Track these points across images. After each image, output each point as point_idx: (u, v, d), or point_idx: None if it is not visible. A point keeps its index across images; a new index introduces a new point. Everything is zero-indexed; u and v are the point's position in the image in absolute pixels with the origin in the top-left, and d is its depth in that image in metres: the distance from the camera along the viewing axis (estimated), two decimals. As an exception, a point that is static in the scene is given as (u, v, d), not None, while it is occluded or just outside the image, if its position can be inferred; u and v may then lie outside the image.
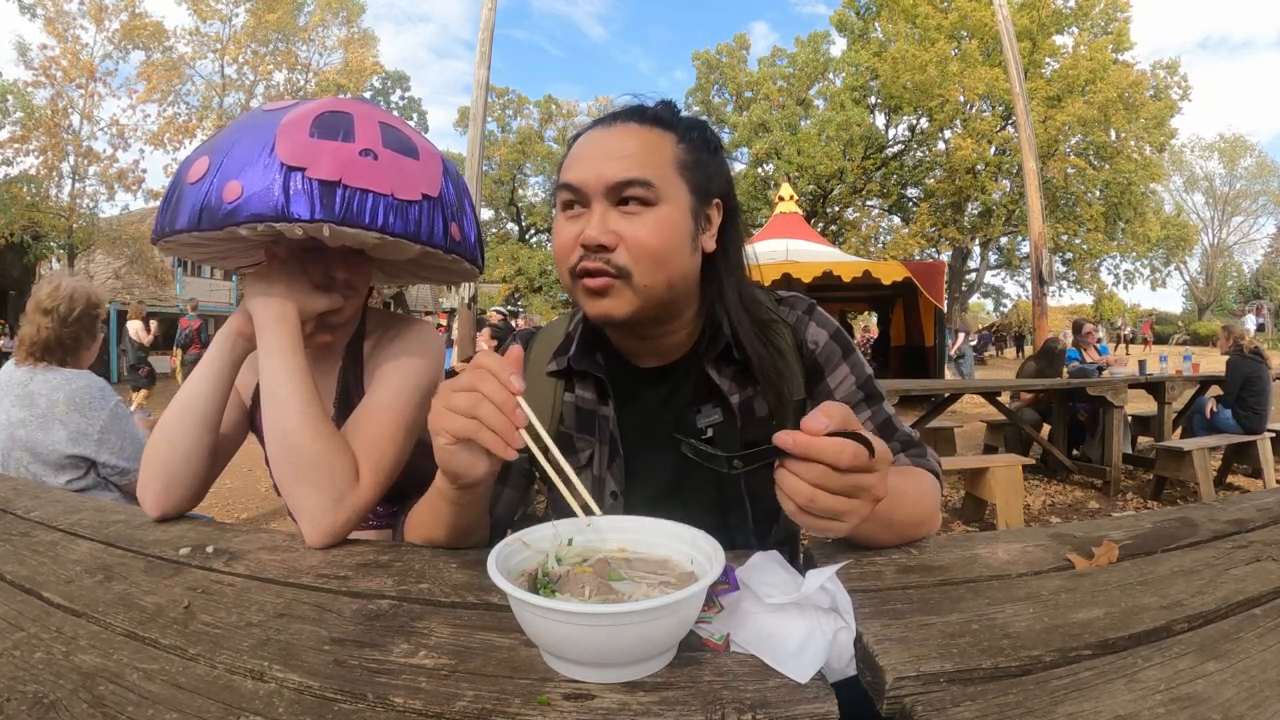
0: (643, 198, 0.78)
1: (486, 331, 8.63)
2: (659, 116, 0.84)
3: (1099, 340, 6.56)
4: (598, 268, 0.77)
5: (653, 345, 0.89)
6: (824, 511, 0.56)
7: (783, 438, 0.55)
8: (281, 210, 0.83)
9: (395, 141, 0.92)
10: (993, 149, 22.66)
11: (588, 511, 0.63)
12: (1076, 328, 7.09)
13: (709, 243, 0.85)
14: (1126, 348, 23.85)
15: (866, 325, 20.74)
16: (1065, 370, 6.26)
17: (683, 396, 0.89)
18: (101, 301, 1.97)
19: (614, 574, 0.58)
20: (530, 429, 0.64)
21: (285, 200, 0.83)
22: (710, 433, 0.86)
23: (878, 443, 0.58)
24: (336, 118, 0.90)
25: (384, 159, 0.89)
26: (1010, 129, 21.27)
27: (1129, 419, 5.65)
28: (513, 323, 11.04)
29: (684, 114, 0.87)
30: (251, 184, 0.84)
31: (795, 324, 0.91)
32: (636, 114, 0.84)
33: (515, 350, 0.67)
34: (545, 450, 0.65)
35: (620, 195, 0.78)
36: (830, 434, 0.55)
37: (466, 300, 9.43)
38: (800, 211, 14.20)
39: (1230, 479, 5.32)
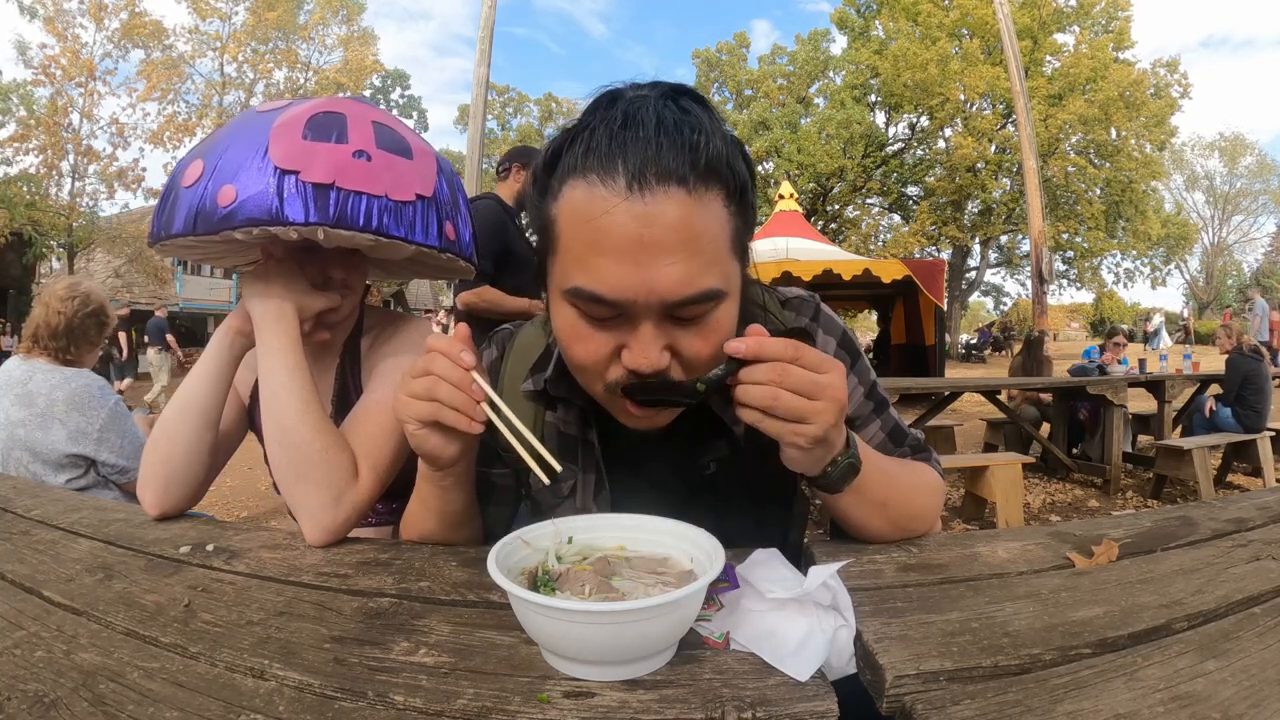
0: (708, 309, 0.62)
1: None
2: (711, 166, 0.59)
3: (1123, 352, 6.50)
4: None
5: None
6: (788, 413, 0.56)
7: (733, 345, 0.57)
8: (276, 214, 0.83)
9: (389, 141, 0.92)
10: (993, 147, 22.64)
11: (548, 472, 0.63)
12: (1111, 333, 6.95)
13: None
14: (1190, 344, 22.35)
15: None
16: (1058, 367, 6.30)
17: (681, 428, 0.75)
18: (112, 317, 2.02)
19: (614, 572, 0.58)
20: (492, 403, 0.65)
21: (279, 204, 0.83)
22: (713, 468, 0.79)
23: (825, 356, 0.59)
24: (330, 118, 0.90)
25: (377, 160, 0.89)
26: (1011, 127, 21.25)
27: (1129, 417, 5.65)
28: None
29: (714, 119, 0.62)
30: (246, 188, 0.84)
31: (803, 331, 0.84)
32: (682, 170, 0.57)
33: (463, 327, 0.67)
34: (508, 422, 0.65)
35: (680, 313, 0.61)
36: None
37: (466, 298, 9.44)
38: (800, 210, 14.20)
39: (1230, 478, 5.31)
